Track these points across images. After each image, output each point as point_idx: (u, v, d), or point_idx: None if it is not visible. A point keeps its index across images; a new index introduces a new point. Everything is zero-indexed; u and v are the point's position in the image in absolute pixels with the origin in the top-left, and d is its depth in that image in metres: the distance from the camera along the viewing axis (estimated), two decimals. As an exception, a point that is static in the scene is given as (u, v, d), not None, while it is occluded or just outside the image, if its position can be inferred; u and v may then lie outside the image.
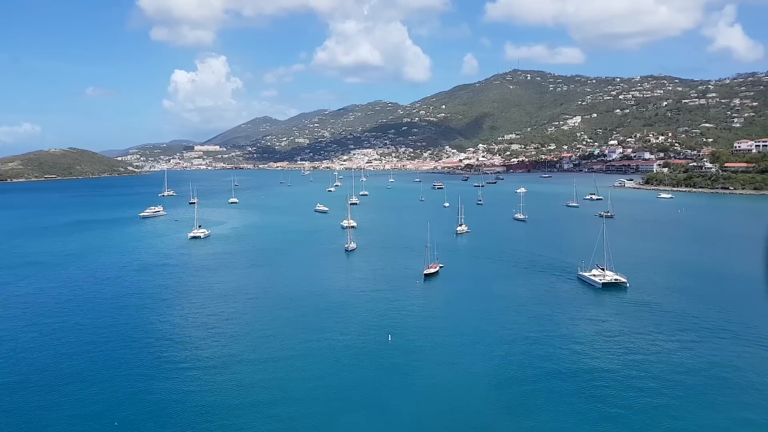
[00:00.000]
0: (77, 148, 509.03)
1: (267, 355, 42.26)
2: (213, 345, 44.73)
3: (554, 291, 60.67)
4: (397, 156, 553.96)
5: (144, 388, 36.44)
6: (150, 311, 55.19)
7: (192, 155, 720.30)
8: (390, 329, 47.15)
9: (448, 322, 50.38)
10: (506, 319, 50.30)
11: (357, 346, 43.91)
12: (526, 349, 42.38)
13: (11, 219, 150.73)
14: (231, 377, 37.99)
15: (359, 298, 58.44)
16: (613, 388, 35.36)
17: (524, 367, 39.02)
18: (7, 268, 78.66)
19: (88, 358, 41.94)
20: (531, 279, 66.15)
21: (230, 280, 69.27)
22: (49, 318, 53.02)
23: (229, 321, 51.30)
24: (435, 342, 44.79)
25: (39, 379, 38.24)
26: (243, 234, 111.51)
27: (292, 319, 51.30)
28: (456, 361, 40.62)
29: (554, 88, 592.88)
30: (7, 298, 61.50)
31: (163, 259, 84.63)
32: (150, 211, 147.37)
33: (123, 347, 44.36)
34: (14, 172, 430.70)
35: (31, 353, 43.36)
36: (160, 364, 40.77)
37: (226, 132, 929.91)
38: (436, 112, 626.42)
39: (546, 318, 50.45)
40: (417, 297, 59.24)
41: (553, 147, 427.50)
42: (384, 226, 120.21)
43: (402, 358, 41.34)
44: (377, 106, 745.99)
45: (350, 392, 35.68)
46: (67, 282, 68.92)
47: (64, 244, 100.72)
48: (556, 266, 71.86)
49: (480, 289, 61.94)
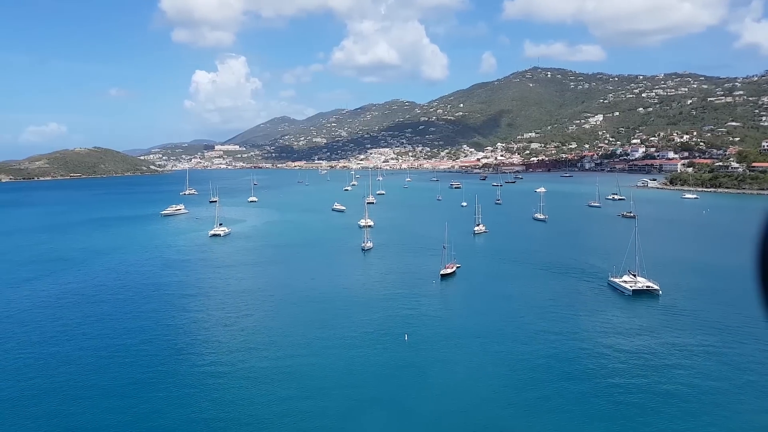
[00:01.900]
0: (101, 148, 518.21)
1: (284, 352, 42.64)
2: (231, 342, 45.30)
3: (576, 294, 58.91)
4: (414, 155, 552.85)
5: (162, 382, 37.02)
6: (171, 307, 56.11)
7: (212, 155, 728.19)
8: (407, 329, 47.20)
9: (465, 323, 50.24)
10: (525, 321, 49.75)
11: (374, 345, 44.05)
12: (546, 352, 41.79)
13: (38, 216, 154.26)
14: (248, 374, 38.42)
15: (376, 298, 58.58)
16: (639, 394, 34.32)
17: (545, 369, 38.55)
18: (34, 263, 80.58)
19: (110, 352, 42.77)
20: (551, 281, 64.96)
21: (249, 277, 70.06)
22: (73, 312, 54.17)
23: (247, 318, 51.88)
24: (452, 342, 44.73)
25: (62, 371, 39.10)
26: (262, 232, 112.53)
27: (308, 317, 51.67)
28: (474, 362, 40.53)
29: (575, 86, 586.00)
30: (34, 292, 62.98)
31: (184, 256, 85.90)
32: (172, 210, 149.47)
33: (144, 342, 45.15)
34: (41, 171, 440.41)
35: (55, 346, 44.34)
36: (179, 359, 41.43)
37: (246, 132, 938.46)
38: (454, 111, 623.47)
39: (567, 321, 49.14)
40: (434, 297, 59.20)
41: (574, 146, 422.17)
42: (401, 225, 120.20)
43: (419, 357, 41.37)
44: (394, 105, 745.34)
45: (367, 391, 35.83)
46: (91, 278, 70.34)
47: (88, 241, 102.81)
48: (578, 268, 70.50)
49: (498, 290, 61.55)
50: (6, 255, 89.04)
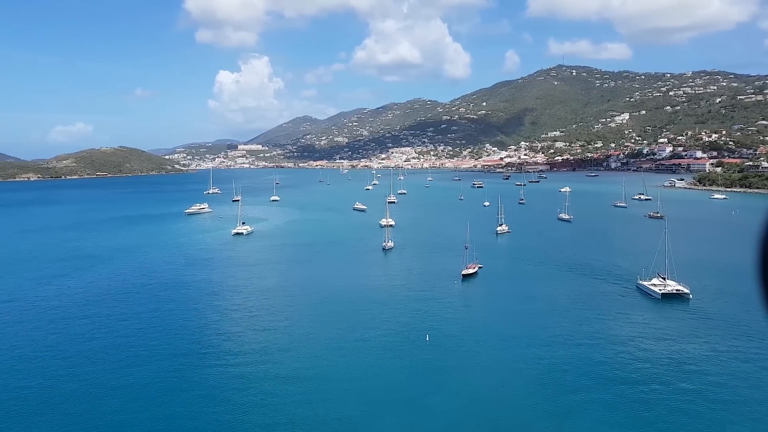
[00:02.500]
0: (127, 147, 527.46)
1: (304, 352, 42.55)
2: (253, 340, 45.42)
3: (602, 297, 57.24)
4: (435, 154, 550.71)
5: (185, 381, 37.24)
6: (194, 305, 56.60)
7: (236, 154, 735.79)
8: (428, 329, 46.74)
9: (487, 324, 49.59)
10: (549, 323, 48.76)
11: (394, 345, 43.71)
12: (571, 356, 40.82)
13: (66, 214, 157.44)
14: (268, 374, 38.41)
15: (396, 297, 58.20)
16: (666, 402, 33.16)
17: (569, 373, 37.62)
18: (62, 261, 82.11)
19: (135, 349, 43.24)
20: (576, 283, 63.52)
21: (271, 276, 70.32)
22: (99, 309, 54.94)
23: (268, 317, 51.97)
24: (474, 343, 44.16)
25: (89, 369, 39.59)
26: (284, 231, 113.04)
27: (329, 316, 51.55)
28: (496, 363, 39.92)
29: (601, 84, 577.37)
30: (61, 289, 64.09)
31: (207, 254, 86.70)
32: (195, 208, 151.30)
33: (168, 339, 45.55)
34: (68, 170, 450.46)
35: (82, 344, 44.94)
36: (203, 358, 41.66)
37: (268, 131, 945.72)
38: (477, 110, 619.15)
39: (593, 325, 47.85)
40: (455, 297, 58.58)
41: (599, 145, 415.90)
42: (422, 224, 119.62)
43: (440, 358, 40.91)
44: (416, 105, 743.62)
45: (387, 391, 35.53)
46: (117, 275, 71.36)
47: (114, 239, 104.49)
48: (604, 270, 68.67)
49: (521, 291, 60.59)
50: (34, 252, 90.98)
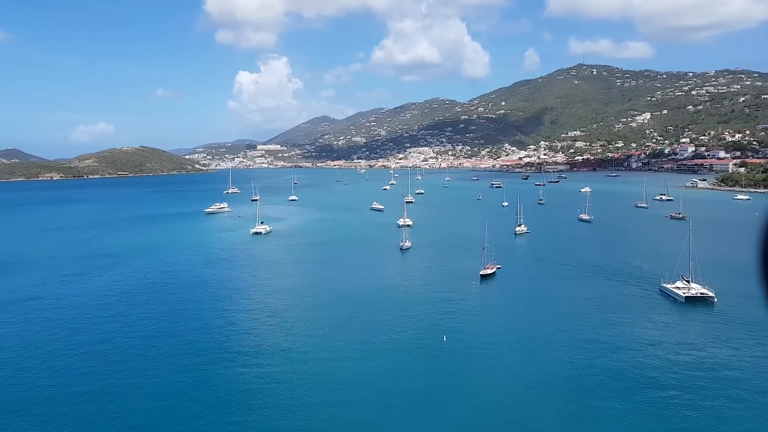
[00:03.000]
0: (148, 147, 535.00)
1: (322, 351, 42.61)
2: (271, 340, 45.63)
3: (623, 300, 56.03)
4: (453, 154, 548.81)
5: (203, 380, 37.52)
6: (214, 304, 57.07)
7: (255, 154, 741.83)
8: (445, 329, 46.51)
9: (505, 325, 49.20)
10: (569, 325, 48.13)
11: (412, 345, 43.57)
12: (591, 359, 40.15)
13: (88, 212, 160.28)
14: (286, 373, 38.54)
15: (414, 297, 58.01)
16: (689, 410, 32.21)
17: (588, 377, 37.03)
18: (84, 258, 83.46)
19: (155, 348, 43.74)
20: (597, 285, 62.50)
21: (289, 275, 70.65)
22: (120, 308, 55.73)
23: (287, 316, 52.20)
24: (491, 344, 43.81)
25: (109, 368, 40.13)
26: (302, 231, 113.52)
27: (347, 316, 51.56)
28: (514, 365, 39.56)
29: (621, 83, 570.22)
30: (83, 286, 65.17)
31: (227, 253, 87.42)
32: (215, 207, 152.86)
33: (187, 338, 45.99)
34: (90, 169, 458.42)
35: (103, 341, 45.60)
36: (221, 357, 41.95)
37: (287, 131, 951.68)
38: (496, 109, 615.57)
39: (614, 328, 46.90)
40: (473, 298, 58.22)
41: (620, 144, 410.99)
42: (439, 224, 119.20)
43: (457, 359, 40.69)
44: (434, 104, 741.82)
45: (404, 391, 35.37)
46: (138, 274, 72.31)
47: (135, 237, 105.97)
48: (626, 272, 67.53)
49: (540, 292, 59.91)
50: (57, 250, 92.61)
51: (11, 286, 66.21)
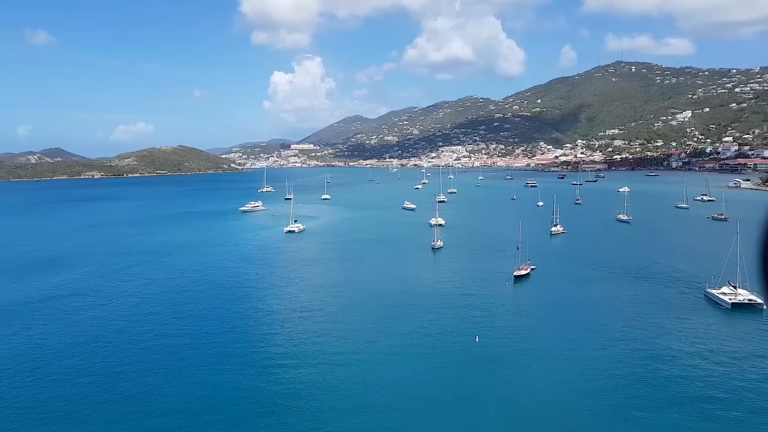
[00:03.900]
0: (186, 146, 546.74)
1: (354, 349, 42.62)
2: (304, 336, 45.87)
3: (664, 304, 53.93)
4: (487, 153, 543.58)
5: (237, 379, 37.75)
6: (248, 300, 57.92)
7: (288, 153, 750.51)
8: (478, 330, 45.95)
9: (539, 327, 48.25)
10: (606, 330, 46.87)
11: (443, 345, 43.20)
12: (628, 366, 38.86)
13: (127, 210, 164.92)
14: (317, 374, 38.62)
15: (446, 297, 57.51)
16: (734, 426, 30.72)
17: (626, 384, 35.82)
18: (124, 255, 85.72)
19: (191, 341, 44.52)
20: (636, 288, 60.65)
21: (321, 273, 71.00)
22: (157, 302, 57.03)
23: (319, 314, 52.40)
24: (525, 346, 43.04)
25: (146, 358, 41.04)
26: (334, 229, 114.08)
27: (378, 314, 51.48)
28: (548, 367, 38.73)
29: (661, 81, 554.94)
30: (123, 283, 66.86)
31: (261, 251, 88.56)
32: (250, 206, 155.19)
33: (222, 332, 46.73)
34: (130, 168, 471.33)
35: (140, 342, 46.55)
36: (255, 351, 42.43)
37: (320, 131, 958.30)
38: (531, 107, 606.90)
39: (654, 334, 45.23)
40: (506, 299, 57.34)
41: (660, 143, 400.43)
42: (472, 224, 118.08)
43: (490, 360, 40.12)
44: (468, 102, 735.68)
45: (436, 391, 35.08)
46: (175, 270, 73.90)
47: (172, 234, 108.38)
48: (666, 275, 65.28)
49: (576, 294, 58.58)
50: (98, 247, 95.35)
51: (54, 281, 68.43)
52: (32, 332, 48.16)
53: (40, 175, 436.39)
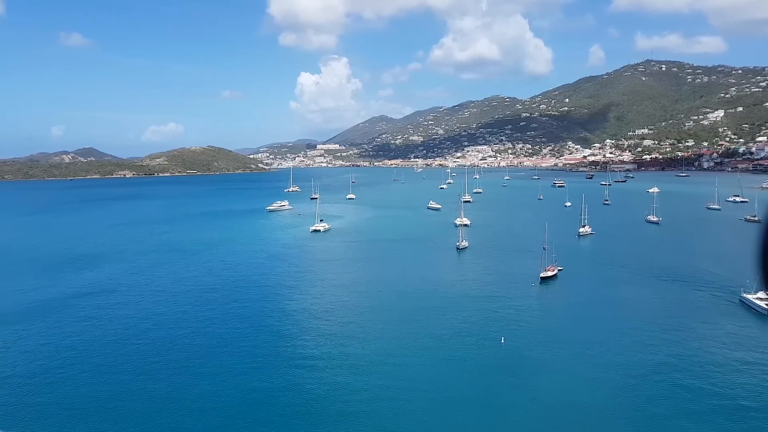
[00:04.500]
0: (215, 147, 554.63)
1: (379, 348, 42.86)
2: (328, 335, 46.31)
3: (696, 308, 52.69)
4: (513, 152, 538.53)
5: (263, 380, 38.13)
6: (274, 297, 58.73)
7: (314, 153, 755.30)
8: (503, 332, 45.75)
9: (566, 328, 47.82)
10: (634, 333, 46.12)
11: (469, 345, 43.16)
12: (656, 370, 38.21)
13: (159, 208, 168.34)
14: (342, 368, 39.03)
15: (471, 298, 57.37)
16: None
17: (656, 391, 35.29)
18: (154, 253, 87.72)
19: (218, 337, 45.45)
20: (666, 291, 59.53)
21: (346, 272, 71.52)
22: (186, 299, 58.26)
23: (344, 312, 52.84)
24: (551, 348, 42.72)
25: (176, 353, 42.02)
26: (359, 228, 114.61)
27: (403, 314, 51.64)
28: (574, 370, 38.39)
29: (692, 80, 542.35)
30: (153, 280, 68.42)
31: (287, 250, 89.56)
32: (276, 205, 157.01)
33: (249, 328, 47.52)
34: (161, 167, 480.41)
35: (169, 335, 47.66)
36: (281, 349, 43.05)
37: (345, 131, 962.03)
38: (558, 106, 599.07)
39: (684, 339, 44.23)
40: (532, 300, 56.93)
41: (690, 143, 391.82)
42: (498, 224, 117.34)
43: (516, 361, 39.95)
44: (494, 102, 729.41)
45: (461, 391, 35.08)
46: (203, 268, 75.33)
47: (201, 233, 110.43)
48: (698, 278, 63.76)
49: (604, 296, 57.86)
50: (129, 245, 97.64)
51: (87, 278, 70.37)
52: (66, 330, 49.37)
53: (73, 174, 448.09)
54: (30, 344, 45.45)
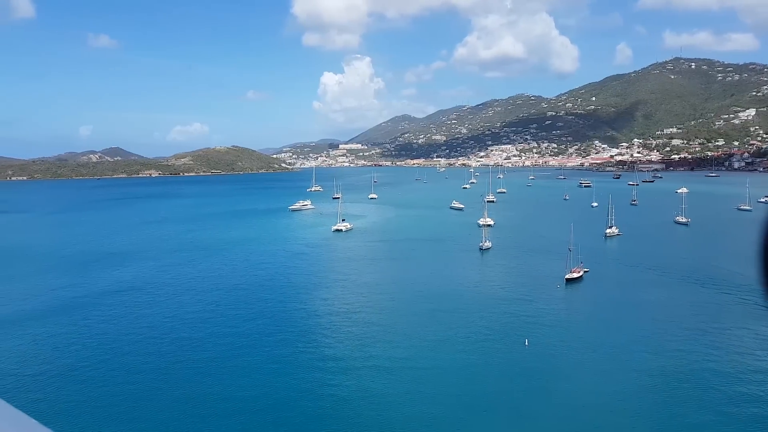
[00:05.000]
0: (239, 146, 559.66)
1: (400, 350, 42.53)
2: (349, 336, 46.22)
3: (726, 312, 51.38)
4: (538, 152, 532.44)
5: (285, 382, 37.88)
6: (296, 297, 58.88)
7: (337, 153, 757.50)
8: (527, 334, 44.98)
9: (591, 332, 46.83)
10: (662, 336, 45.00)
11: (492, 348, 42.56)
12: (684, 375, 37.20)
13: (184, 207, 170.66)
14: (364, 369, 38.82)
15: (494, 299, 56.64)
16: None
17: (681, 394, 34.40)
18: (179, 251, 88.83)
19: (241, 335, 45.68)
20: (695, 294, 58.09)
21: (368, 272, 71.37)
22: (210, 297, 58.79)
23: (365, 313, 52.64)
24: (577, 351, 41.86)
25: (199, 352, 42.27)
26: (381, 228, 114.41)
27: (425, 315, 51.23)
28: (600, 374, 37.54)
29: (723, 78, 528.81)
30: (178, 278, 69.21)
31: (309, 249, 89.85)
32: (299, 205, 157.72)
33: (271, 328, 47.69)
34: (186, 167, 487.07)
35: (193, 334, 48.03)
36: (303, 348, 43.06)
37: (368, 131, 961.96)
38: (585, 105, 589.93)
39: (713, 343, 43.08)
40: (557, 302, 55.96)
41: (721, 143, 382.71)
42: (522, 225, 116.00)
43: (540, 364, 39.21)
44: (519, 100, 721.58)
45: (484, 396, 34.57)
46: (227, 266, 76.00)
47: (225, 231, 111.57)
48: (729, 281, 61.71)
49: (631, 299, 56.56)
50: (155, 243, 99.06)
51: (114, 276, 71.45)
52: (94, 328, 49.72)
53: (100, 173, 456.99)
54: (59, 341, 46.18)
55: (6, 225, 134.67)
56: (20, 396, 34.34)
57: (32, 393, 35.55)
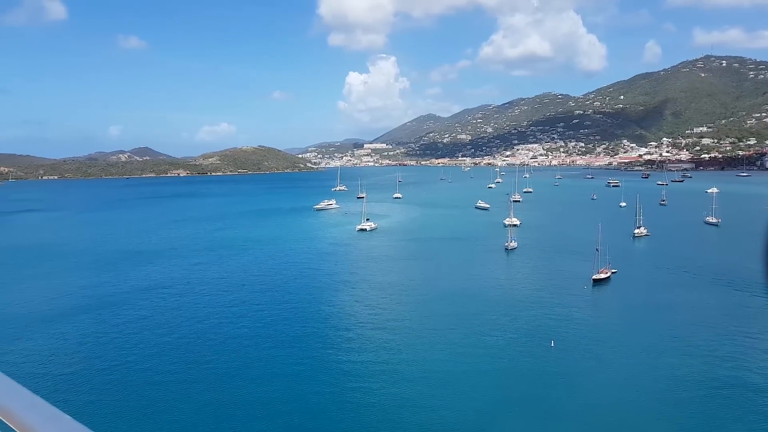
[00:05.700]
0: (265, 146, 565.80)
1: (425, 350, 42.63)
2: (374, 336, 46.46)
3: (757, 315, 50.26)
4: (565, 151, 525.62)
5: (310, 384, 38.49)
6: (319, 300, 59.16)
7: (361, 152, 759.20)
8: (553, 335, 44.61)
9: (619, 333, 46.24)
10: (691, 338, 44.24)
11: (517, 348, 42.36)
12: (712, 374, 36.71)
13: (211, 206, 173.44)
14: (388, 368, 39.03)
15: (520, 300, 56.29)
16: None
17: (709, 397, 33.88)
18: (206, 250, 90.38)
19: (265, 335, 46.37)
20: (725, 296, 56.88)
21: (392, 271, 71.51)
22: (236, 296, 59.68)
23: (390, 312, 52.85)
24: (604, 352, 41.40)
25: (222, 350, 42.96)
26: (406, 228, 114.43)
27: (450, 315, 51.15)
28: (627, 375, 37.07)
29: (755, 76, 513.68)
30: (205, 276, 70.44)
31: (334, 248, 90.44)
32: (323, 204, 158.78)
33: (295, 328, 48.26)
34: (213, 166, 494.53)
35: (219, 335, 48.83)
36: (328, 349, 43.55)
37: (393, 130, 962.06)
38: (613, 103, 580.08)
39: (743, 345, 42.30)
40: (584, 303, 55.32)
41: (752, 142, 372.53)
42: (549, 225, 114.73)
43: (566, 365, 38.90)
44: (545, 99, 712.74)
45: (509, 397, 34.47)
46: (253, 264, 77.03)
47: (251, 230, 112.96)
48: (758, 282, 58.83)
49: (659, 300, 55.59)
50: (183, 241, 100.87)
51: (144, 274, 72.98)
52: (122, 328, 50.05)
53: (129, 172, 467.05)
54: (88, 339, 47.09)
55: (40, 223, 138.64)
56: (48, 394, 34.95)
57: (61, 392, 35.92)
